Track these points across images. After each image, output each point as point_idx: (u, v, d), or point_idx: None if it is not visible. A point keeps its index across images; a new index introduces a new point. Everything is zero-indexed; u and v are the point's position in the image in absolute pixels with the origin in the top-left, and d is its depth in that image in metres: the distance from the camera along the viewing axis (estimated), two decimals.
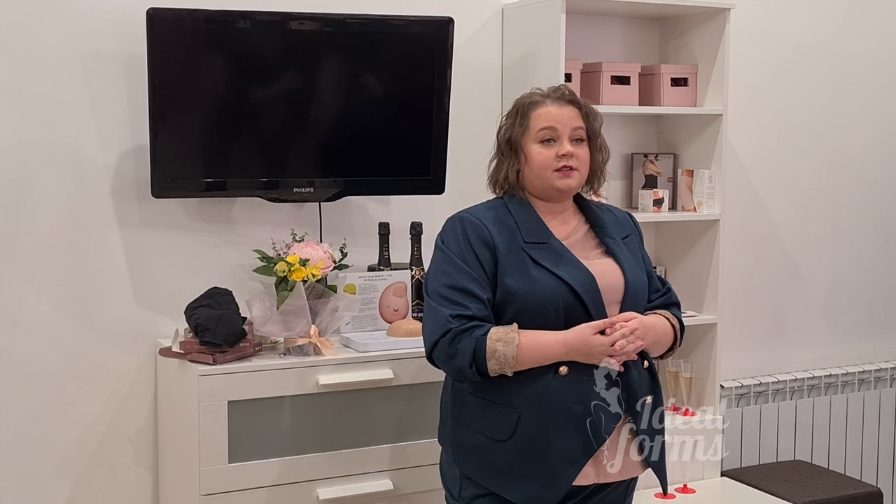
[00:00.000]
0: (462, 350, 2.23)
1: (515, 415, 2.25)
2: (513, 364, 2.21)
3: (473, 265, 2.27)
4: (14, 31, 2.83)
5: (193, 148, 2.92)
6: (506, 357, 2.21)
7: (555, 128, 2.34)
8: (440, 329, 2.25)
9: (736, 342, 3.80)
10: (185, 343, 2.76)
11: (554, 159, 2.32)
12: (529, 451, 2.25)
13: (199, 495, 2.66)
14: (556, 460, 2.24)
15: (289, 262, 2.81)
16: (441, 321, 2.25)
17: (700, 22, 3.49)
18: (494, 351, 2.21)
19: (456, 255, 2.30)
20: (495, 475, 2.29)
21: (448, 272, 2.29)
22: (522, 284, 2.26)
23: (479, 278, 2.27)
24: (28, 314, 2.89)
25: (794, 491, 3.51)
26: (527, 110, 2.37)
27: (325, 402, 2.77)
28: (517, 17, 3.36)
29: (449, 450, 2.41)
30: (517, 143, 2.36)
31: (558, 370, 2.24)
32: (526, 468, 2.26)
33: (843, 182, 4.05)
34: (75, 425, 2.96)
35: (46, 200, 2.89)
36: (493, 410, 2.29)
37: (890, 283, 4.19)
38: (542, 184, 2.35)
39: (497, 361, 2.21)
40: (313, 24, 2.96)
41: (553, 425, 2.24)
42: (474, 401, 2.33)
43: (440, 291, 2.28)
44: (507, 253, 2.29)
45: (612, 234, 2.41)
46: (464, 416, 2.35)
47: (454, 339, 2.24)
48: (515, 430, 2.25)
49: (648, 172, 3.58)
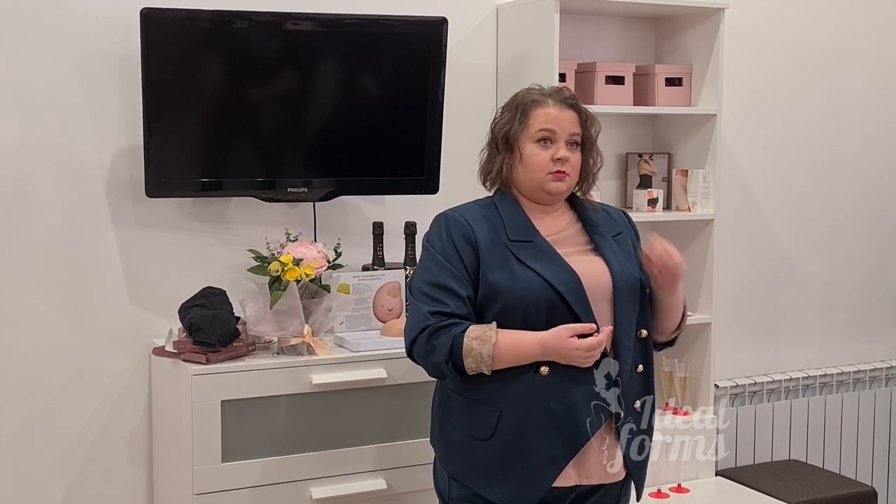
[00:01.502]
0: (439, 346, 2.23)
1: (496, 413, 2.25)
2: (489, 363, 2.21)
3: (455, 262, 2.27)
4: (9, 32, 2.83)
5: (187, 148, 2.92)
6: (482, 356, 2.20)
7: (553, 130, 2.32)
8: (419, 325, 2.26)
9: (731, 342, 3.80)
10: (178, 343, 2.77)
11: (549, 162, 2.32)
12: (510, 450, 2.25)
13: (193, 494, 2.67)
14: (535, 460, 2.24)
15: (282, 262, 2.82)
16: (420, 317, 2.26)
17: (694, 22, 3.49)
18: (471, 349, 2.21)
19: (439, 252, 2.30)
20: (477, 475, 2.29)
21: (430, 269, 2.29)
22: (505, 282, 2.25)
23: (459, 276, 2.26)
24: (23, 314, 2.89)
25: (789, 491, 3.51)
26: (528, 108, 2.35)
27: (318, 401, 2.78)
28: (511, 17, 3.36)
29: (437, 450, 2.41)
30: (514, 140, 2.35)
31: (539, 370, 2.23)
32: (506, 468, 2.25)
33: (839, 182, 4.05)
34: (70, 424, 2.96)
35: (41, 200, 2.89)
36: (475, 409, 2.29)
37: (885, 283, 4.20)
38: (532, 184, 2.35)
39: (473, 359, 2.21)
40: (307, 24, 2.97)
41: (533, 425, 2.24)
42: (458, 399, 2.33)
43: (422, 288, 2.29)
44: (490, 250, 2.28)
45: (603, 233, 2.40)
46: (449, 415, 2.35)
47: (432, 336, 2.24)
48: (496, 429, 2.25)
49: (643, 172, 3.59)
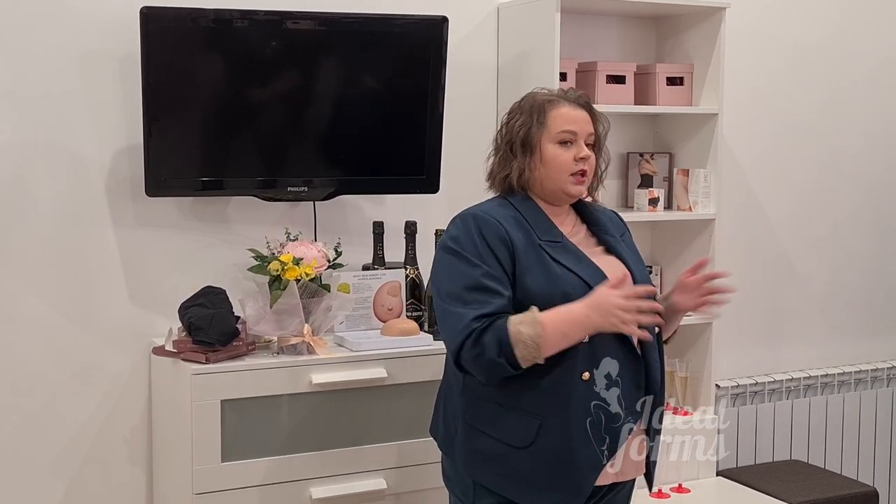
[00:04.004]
0: (487, 344, 2.13)
1: (537, 422, 2.19)
2: (541, 343, 2.11)
3: (492, 264, 2.19)
4: (9, 30, 2.83)
5: (187, 147, 2.92)
6: (532, 338, 2.11)
7: (574, 131, 2.28)
8: (465, 331, 2.15)
9: (732, 342, 3.80)
10: (178, 342, 2.77)
11: (572, 162, 2.27)
12: (552, 458, 2.19)
13: (193, 494, 2.66)
14: (580, 467, 2.20)
15: (282, 261, 2.81)
16: (464, 323, 2.15)
17: (696, 21, 3.49)
18: (519, 334, 2.11)
19: (471, 254, 2.20)
20: (516, 484, 2.23)
21: (464, 273, 2.19)
22: (545, 283, 2.19)
23: (499, 276, 2.18)
24: (22, 313, 2.89)
25: (790, 491, 3.51)
26: (545, 109, 2.29)
27: (318, 401, 2.77)
28: (512, 16, 3.36)
29: (460, 458, 2.31)
30: (534, 142, 2.29)
31: (581, 375, 2.18)
32: (549, 475, 2.20)
33: (840, 181, 4.05)
34: (70, 424, 2.96)
35: (41, 199, 2.89)
36: (511, 417, 2.22)
37: (887, 283, 4.19)
38: (553, 186, 2.29)
39: (524, 346, 2.11)
40: (307, 22, 2.96)
41: (577, 432, 2.18)
42: (490, 407, 2.25)
43: (458, 294, 2.19)
44: (525, 251, 2.22)
45: (612, 233, 2.39)
46: (478, 422, 2.27)
47: (478, 339, 2.14)
48: (537, 436, 2.19)
49: (644, 172, 3.58)
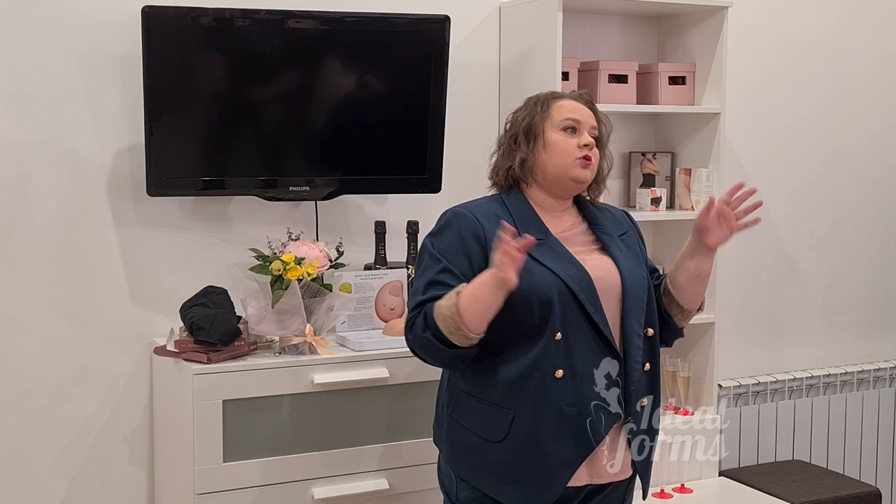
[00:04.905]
0: (417, 324, 2.21)
1: (509, 416, 2.23)
2: (456, 311, 2.13)
3: (458, 261, 2.24)
4: (10, 30, 2.82)
5: (189, 146, 2.91)
6: (447, 307, 2.14)
7: (578, 120, 2.32)
8: (407, 321, 2.25)
9: (734, 342, 3.80)
10: (179, 342, 2.76)
11: (576, 148, 2.30)
12: (523, 453, 2.23)
13: (194, 494, 2.66)
14: (549, 463, 2.22)
15: (284, 261, 2.81)
16: (409, 315, 2.25)
17: (698, 20, 3.48)
18: (439, 307, 2.16)
19: (440, 251, 2.26)
20: (488, 477, 2.27)
21: (429, 268, 2.25)
22: (521, 280, 2.19)
23: (460, 274, 2.22)
24: (24, 313, 2.88)
25: (792, 491, 3.51)
26: (549, 101, 2.35)
27: (320, 401, 2.77)
28: (514, 16, 3.35)
29: (444, 449, 2.39)
30: (537, 130, 2.32)
31: (554, 373, 2.21)
32: (519, 471, 2.24)
33: (842, 180, 4.05)
34: (71, 424, 2.95)
35: (42, 199, 2.89)
36: (486, 410, 2.26)
37: (889, 283, 4.19)
38: (558, 172, 2.31)
39: (443, 318, 2.15)
40: (309, 22, 2.96)
41: (547, 428, 2.22)
42: (468, 400, 2.30)
43: (418, 289, 2.25)
44: None
45: (610, 232, 2.39)
46: (458, 415, 2.33)
47: (413, 323, 2.23)
48: (509, 431, 2.23)
49: (646, 171, 3.58)
